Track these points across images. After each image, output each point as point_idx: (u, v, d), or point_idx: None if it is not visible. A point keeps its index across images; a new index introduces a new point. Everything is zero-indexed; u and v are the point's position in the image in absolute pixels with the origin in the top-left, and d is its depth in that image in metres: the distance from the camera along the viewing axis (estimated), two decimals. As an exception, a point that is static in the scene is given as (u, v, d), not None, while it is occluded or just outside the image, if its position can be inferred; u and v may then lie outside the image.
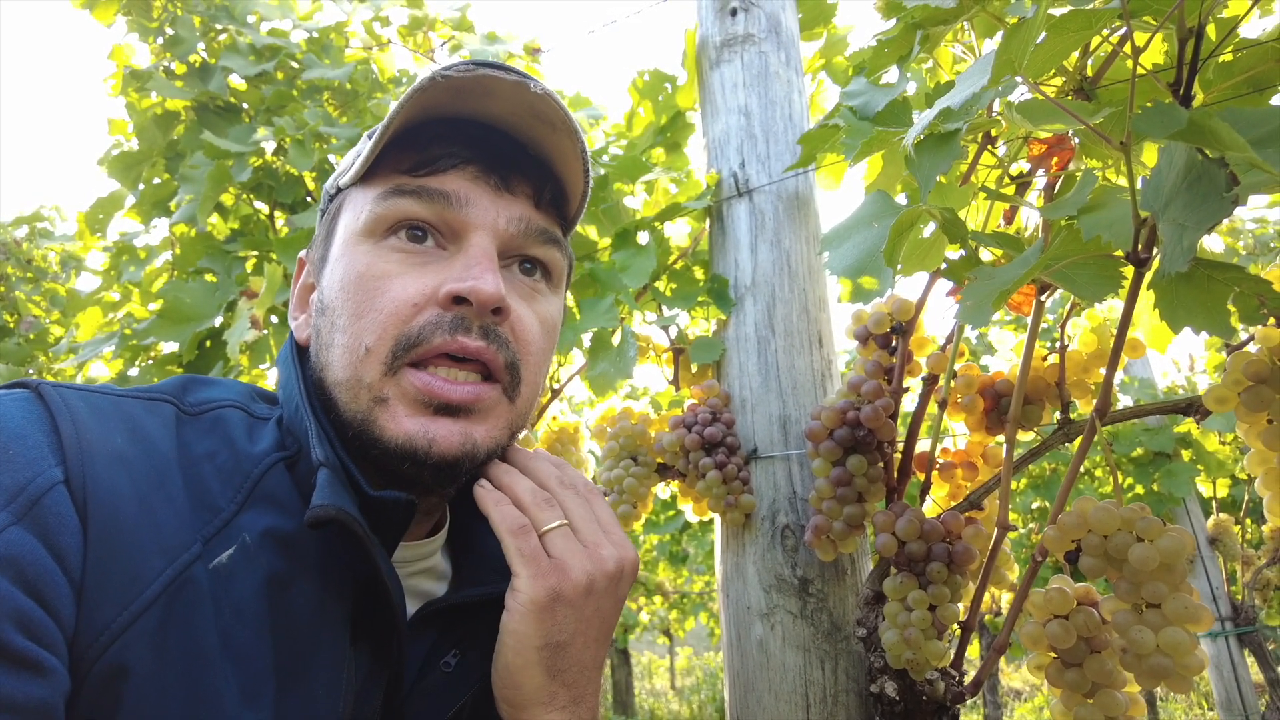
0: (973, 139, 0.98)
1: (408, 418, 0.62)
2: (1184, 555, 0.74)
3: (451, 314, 0.63)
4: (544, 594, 0.62)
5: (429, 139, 0.68)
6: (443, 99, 0.66)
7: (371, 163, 0.68)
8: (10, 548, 0.46)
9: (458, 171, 0.67)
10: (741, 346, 1.29)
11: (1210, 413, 0.84)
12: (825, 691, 1.10)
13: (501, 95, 0.66)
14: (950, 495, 1.09)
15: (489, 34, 2.24)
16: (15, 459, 0.50)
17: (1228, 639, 3.14)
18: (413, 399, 0.63)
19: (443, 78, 0.63)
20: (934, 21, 0.90)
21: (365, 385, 0.63)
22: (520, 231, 0.68)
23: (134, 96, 2.12)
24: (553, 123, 0.68)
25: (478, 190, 0.67)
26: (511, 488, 0.67)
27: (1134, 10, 0.68)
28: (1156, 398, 3.58)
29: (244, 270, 1.89)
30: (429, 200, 0.65)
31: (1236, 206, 0.53)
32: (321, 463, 0.60)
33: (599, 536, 0.67)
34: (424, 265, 0.65)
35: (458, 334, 0.63)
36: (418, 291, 0.64)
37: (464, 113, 0.68)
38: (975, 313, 0.67)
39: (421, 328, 0.63)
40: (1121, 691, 0.80)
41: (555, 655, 0.62)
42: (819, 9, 1.62)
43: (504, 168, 0.68)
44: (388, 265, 0.65)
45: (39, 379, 0.58)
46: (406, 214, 0.66)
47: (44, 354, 2.97)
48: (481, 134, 0.69)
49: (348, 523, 0.57)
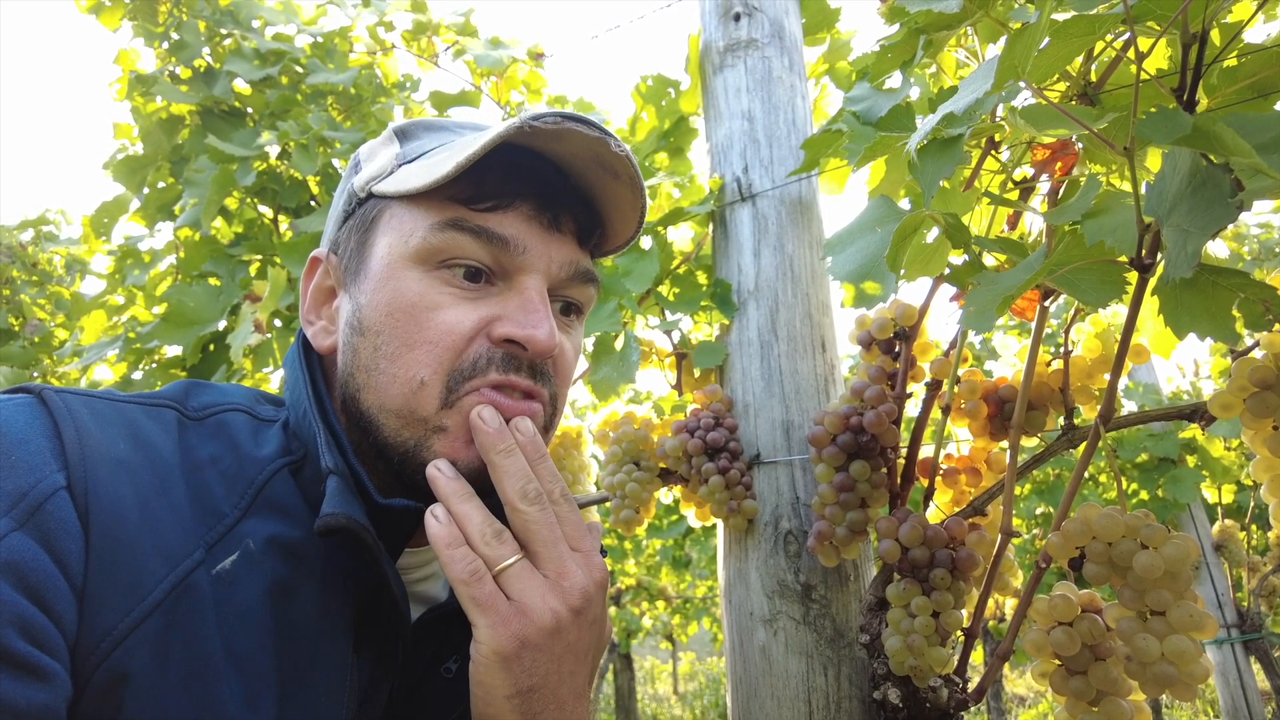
0: (976, 144, 0.98)
1: (467, 445, 0.63)
2: (1189, 563, 0.74)
3: (502, 351, 0.65)
4: (507, 643, 0.57)
5: (486, 170, 0.66)
6: (510, 134, 0.64)
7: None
8: (12, 553, 0.47)
9: (514, 210, 0.66)
10: (744, 351, 1.28)
11: (1215, 419, 0.83)
12: (828, 698, 1.09)
13: (571, 141, 0.65)
14: (954, 501, 1.09)
15: (493, 39, 2.24)
16: (17, 464, 0.50)
17: (1233, 646, 3.13)
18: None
19: (530, 128, 0.62)
20: (937, 26, 0.90)
21: (421, 418, 0.63)
22: (568, 276, 0.70)
23: (139, 101, 2.13)
24: (615, 172, 0.68)
25: (531, 231, 0.67)
26: (463, 520, 0.61)
27: (1138, 15, 0.68)
28: (1161, 403, 3.57)
29: (248, 274, 1.90)
30: (488, 242, 0.65)
31: (1241, 212, 0.52)
32: (331, 470, 0.60)
33: (564, 563, 0.61)
34: (476, 300, 0.66)
35: (509, 372, 0.65)
36: (473, 326, 0.64)
37: (526, 145, 0.66)
38: (979, 318, 0.67)
39: (475, 360, 0.64)
40: (1126, 699, 0.80)
41: (527, 700, 0.58)
42: (822, 14, 1.62)
43: (555, 205, 0.69)
44: (440, 297, 0.65)
45: (42, 384, 0.58)
46: (465, 254, 0.65)
47: (48, 357, 2.98)
48: (539, 168, 0.69)
49: (357, 532, 0.57)
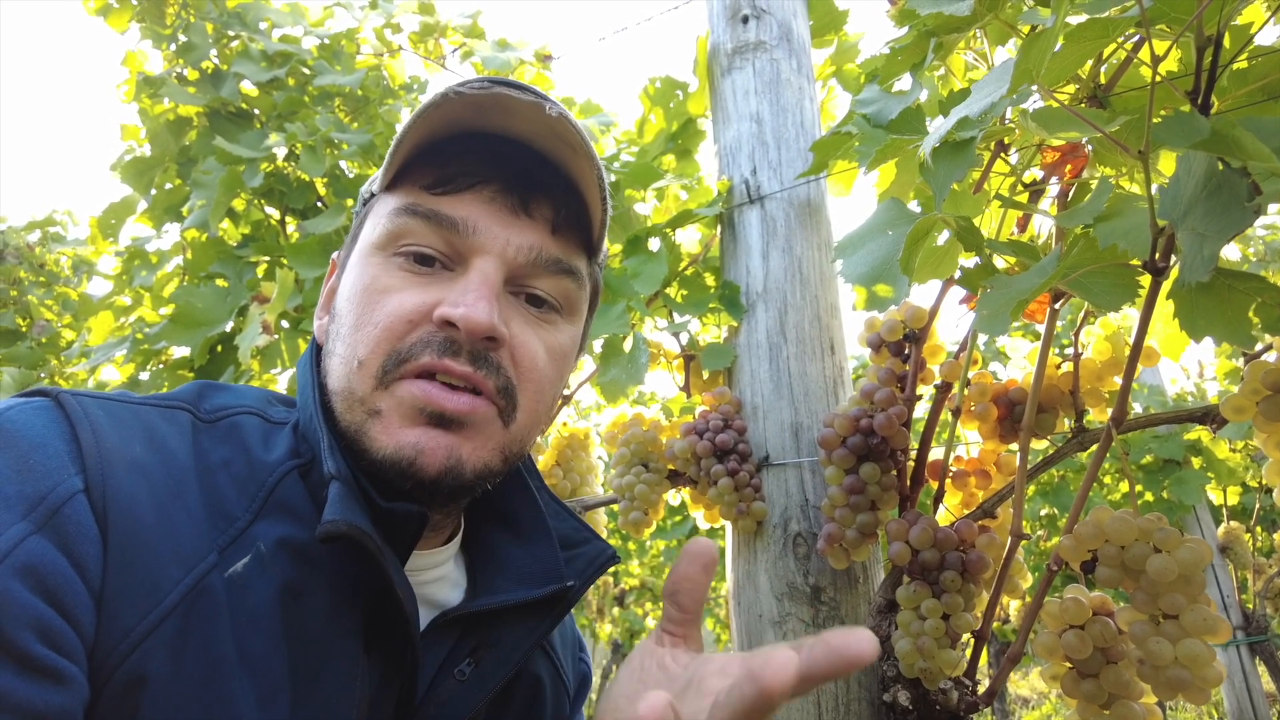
0: (985, 147, 0.98)
1: (400, 428, 0.61)
2: (1202, 566, 0.74)
3: (443, 335, 0.62)
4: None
5: (451, 154, 0.67)
6: (465, 114, 0.65)
7: (395, 173, 0.68)
8: (31, 557, 0.47)
9: (474, 192, 0.66)
10: (753, 353, 1.29)
11: (1227, 422, 0.83)
12: (837, 700, 1.09)
13: (523, 114, 0.65)
14: (963, 503, 1.09)
15: (500, 41, 2.24)
16: (36, 468, 0.50)
17: (1239, 648, 3.12)
18: (409, 408, 0.62)
19: (456, 94, 0.63)
20: (947, 29, 0.90)
21: (359, 399, 0.63)
22: (530, 261, 0.67)
23: (147, 102, 2.14)
24: (573, 146, 0.66)
25: (491, 212, 0.66)
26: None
27: (1152, 18, 0.68)
28: (1166, 405, 3.56)
29: (255, 275, 1.90)
30: (437, 225, 0.65)
31: (1258, 216, 0.52)
32: (333, 475, 0.60)
33: None
34: (426, 284, 0.65)
35: (445, 356, 0.62)
36: (414, 308, 0.63)
37: (488, 128, 0.67)
38: (993, 322, 0.67)
39: (413, 344, 0.62)
40: (1138, 703, 0.79)
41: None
42: (830, 16, 1.62)
43: (525, 187, 0.67)
44: (391, 280, 0.65)
45: (57, 387, 0.58)
46: (417, 238, 0.65)
47: (56, 358, 2.99)
48: (506, 150, 0.68)
49: (359, 538, 0.57)
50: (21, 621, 0.45)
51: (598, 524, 1.54)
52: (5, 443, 0.51)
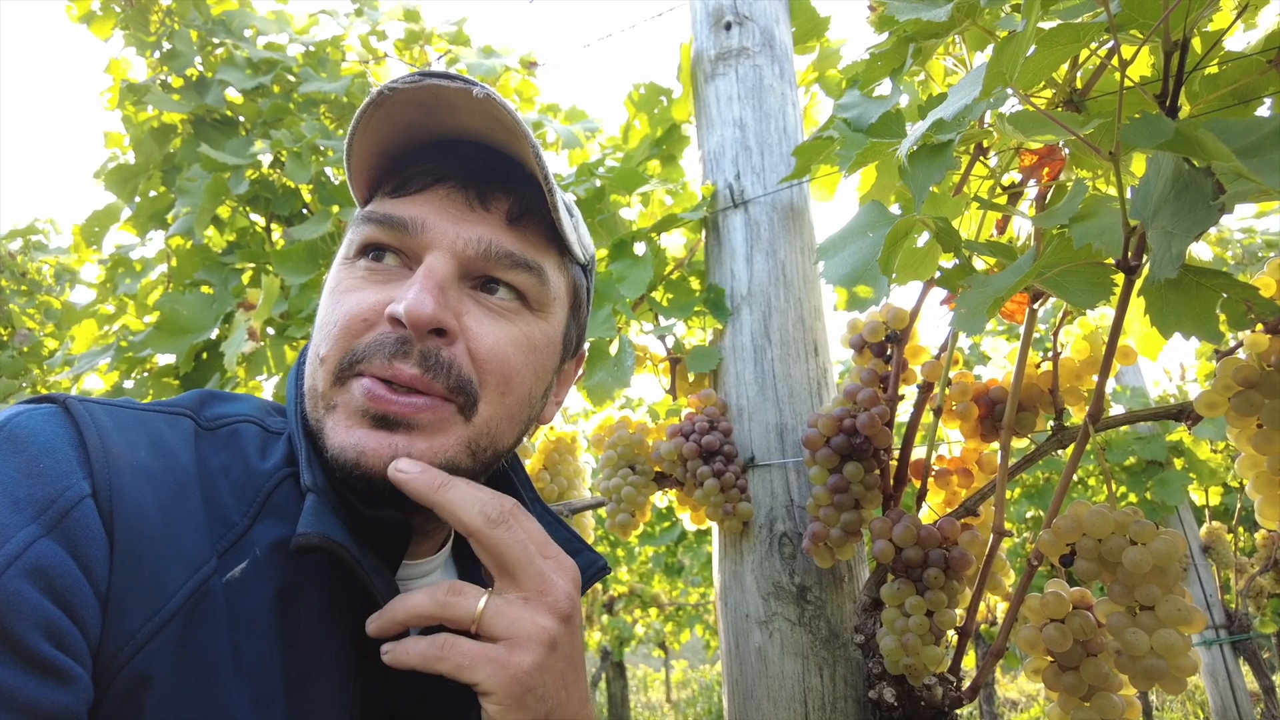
0: (965, 150, 0.99)
1: (347, 428, 0.61)
2: (1176, 557, 0.75)
3: (395, 335, 0.62)
4: (512, 685, 0.57)
5: (408, 159, 0.69)
6: (416, 117, 0.66)
7: (369, 187, 0.72)
8: (40, 559, 0.47)
9: (429, 192, 0.67)
10: (738, 355, 1.30)
11: (1201, 418, 0.85)
12: (824, 698, 1.10)
13: (463, 108, 0.65)
14: (946, 502, 1.10)
15: (485, 48, 2.25)
16: (46, 472, 0.51)
17: (1222, 647, 3.15)
18: (355, 408, 0.62)
19: (391, 90, 0.63)
20: (926, 35, 0.92)
21: (319, 394, 0.64)
22: (481, 254, 0.66)
23: (131, 110, 2.13)
24: (511, 129, 0.65)
25: (444, 209, 0.66)
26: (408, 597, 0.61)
27: (1121, 23, 0.69)
28: (1148, 406, 3.60)
29: (240, 282, 1.89)
30: (390, 228, 0.66)
31: (1223, 214, 0.54)
32: (308, 488, 0.60)
33: (543, 576, 0.61)
34: (383, 284, 0.65)
35: (395, 360, 0.61)
36: (370, 306, 0.64)
37: (442, 130, 0.69)
38: (970, 320, 0.68)
39: (367, 345, 0.62)
40: (1118, 694, 0.81)
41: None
42: (812, 23, 1.64)
43: (481, 182, 0.68)
44: (353, 282, 0.66)
45: (65, 394, 0.59)
46: (372, 241, 0.67)
47: (38, 367, 2.96)
48: (461, 148, 0.69)
49: (333, 549, 0.57)
50: (30, 622, 0.46)
51: (585, 527, 1.54)
52: (16, 448, 0.51)
